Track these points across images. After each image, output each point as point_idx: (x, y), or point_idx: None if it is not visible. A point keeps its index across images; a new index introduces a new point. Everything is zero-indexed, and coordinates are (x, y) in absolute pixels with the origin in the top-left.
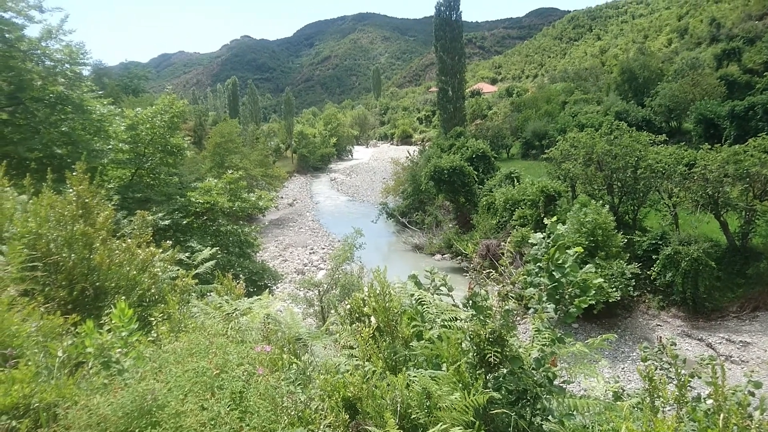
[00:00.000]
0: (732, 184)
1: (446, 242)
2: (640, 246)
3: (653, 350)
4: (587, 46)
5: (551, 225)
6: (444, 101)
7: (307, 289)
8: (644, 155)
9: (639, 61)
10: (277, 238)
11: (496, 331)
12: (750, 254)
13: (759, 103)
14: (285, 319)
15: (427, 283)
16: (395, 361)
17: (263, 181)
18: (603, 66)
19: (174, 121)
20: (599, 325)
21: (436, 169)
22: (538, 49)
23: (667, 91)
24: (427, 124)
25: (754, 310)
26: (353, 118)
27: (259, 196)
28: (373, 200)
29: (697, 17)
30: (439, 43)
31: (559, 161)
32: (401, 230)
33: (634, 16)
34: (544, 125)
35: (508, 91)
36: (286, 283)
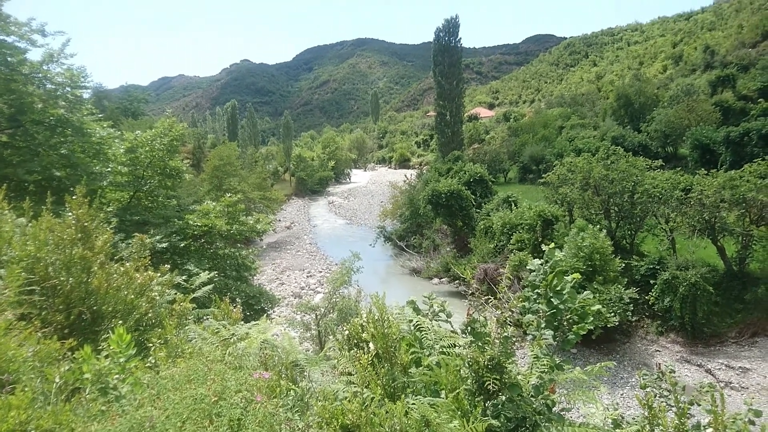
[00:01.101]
0: (728, 210)
1: (444, 266)
2: (638, 271)
3: (652, 377)
4: (583, 72)
5: (549, 251)
6: (442, 125)
7: (304, 313)
8: (641, 180)
9: (635, 87)
10: (274, 261)
11: (495, 358)
12: (747, 279)
13: (754, 129)
14: (282, 344)
15: (426, 309)
16: (394, 388)
17: (261, 204)
18: (599, 91)
19: (173, 144)
20: (598, 350)
21: (434, 193)
22: (534, 74)
23: (662, 116)
24: (425, 148)
25: (752, 335)
26: (351, 141)
27: (257, 219)
28: (371, 224)
29: (691, 44)
30: (438, 68)
31: (557, 186)
32: (399, 254)
33: (629, 43)
34: (541, 150)
35: (505, 115)
36: (283, 306)
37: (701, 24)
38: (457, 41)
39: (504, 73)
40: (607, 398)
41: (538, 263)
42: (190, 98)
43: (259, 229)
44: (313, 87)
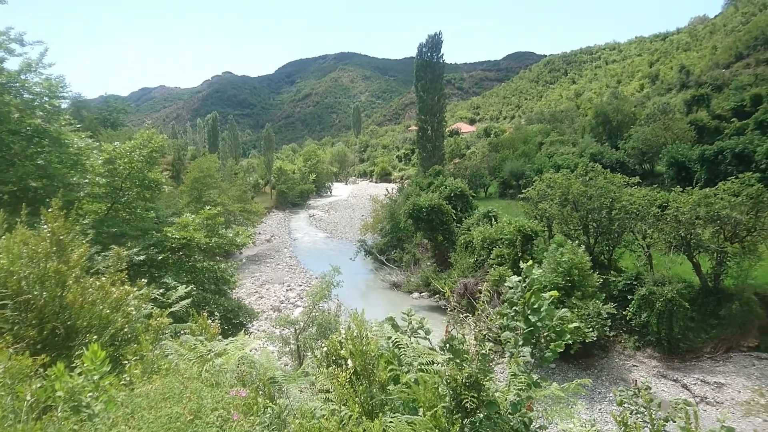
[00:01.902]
0: (703, 226)
1: (424, 280)
2: (616, 286)
3: (628, 393)
4: (563, 90)
5: (527, 269)
6: (423, 140)
7: (284, 327)
8: (618, 197)
9: (612, 105)
10: (253, 275)
11: (473, 375)
12: (722, 295)
13: (727, 147)
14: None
15: (405, 325)
16: (372, 405)
17: (241, 217)
18: (578, 109)
19: (152, 156)
20: (576, 365)
21: (415, 207)
22: (515, 91)
23: (639, 134)
24: (406, 162)
25: (727, 351)
26: (333, 155)
27: (237, 232)
28: (352, 237)
29: (667, 64)
30: (420, 83)
31: (536, 201)
32: (379, 268)
33: (608, 61)
34: (521, 165)
35: (486, 131)
36: (262, 320)
37: (677, 44)
38: (439, 57)
39: (485, 89)
40: (586, 414)
41: (516, 280)
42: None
43: (238, 242)
44: (295, 100)
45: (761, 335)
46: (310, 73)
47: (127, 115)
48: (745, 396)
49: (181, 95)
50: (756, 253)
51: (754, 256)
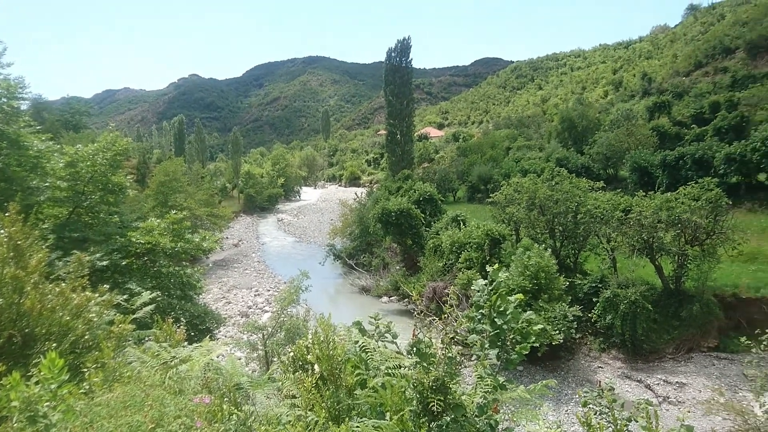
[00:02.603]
0: (665, 230)
1: (393, 284)
2: (581, 289)
3: (593, 394)
4: (529, 95)
5: (493, 272)
6: (392, 144)
7: (251, 333)
8: (584, 201)
9: (578, 111)
10: (221, 280)
11: (440, 378)
12: (683, 297)
13: (688, 153)
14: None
15: (372, 330)
16: (338, 410)
17: (208, 221)
18: (544, 114)
19: (116, 159)
20: (543, 367)
21: (384, 212)
22: (483, 96)
23: (604, 139)
24: (375, 166)
25: (688, 351)
26: (302, 159)
27: (204, 236)
28: (321, 241)
29: (630, 71)
30: (389, 87)
31: (504, 205)
32: (348, 272)
33: (573, 68)
34: (489, 170)
35: (454, 135)
36: (229, 326)
37: (639, 52)
38: (408, 62)
39: (453, 94)
40: (553, 415)
41: (482, 284)
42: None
43: (205, 246)
44: (264, 103)
45: (720, 336)
46: (279, 76)
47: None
48: (705, 395)
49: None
50: (715, 256)
51: (714, 258)
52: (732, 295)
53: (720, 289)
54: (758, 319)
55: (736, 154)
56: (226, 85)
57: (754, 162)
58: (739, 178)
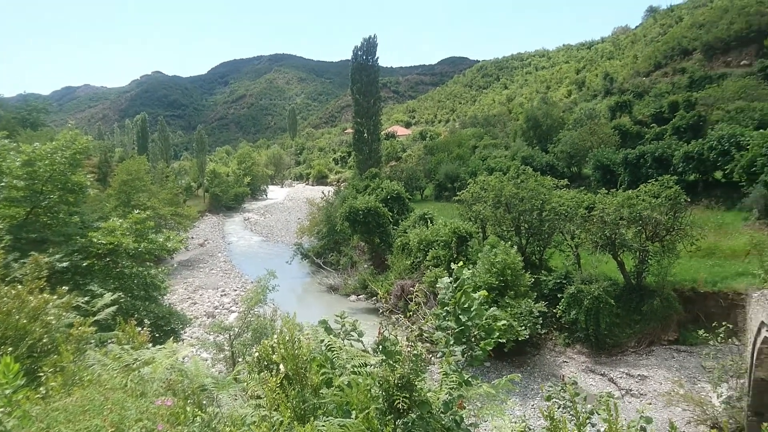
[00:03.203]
0: (627, 227)
1: (361, 283)
2: (547, 285)
3: (556, 389)
4: (495, 94)
5: (457, 270)
6: (360, 143)
7: (218, 334)
8: (548, 198)
9: (542, 110)
10: (186, 280)
11: (405, 376)
12: (645, 292)
13: (648, 152)
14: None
15: (338, 328)
16: (304, 410)
17: (173, 221)
18: (510, 113)
19: (76, 158)
20: (510, 363)
21: (352, 210)
22: (449, 95)
23: (568, 138)
24: (342, 164)
25: (649, 344)
26: (268, 157)
27: (168, 236)
28: (288, 241)
29: (593, 71)
30: (356, 86)
31: (470, 203)
32: (316, 271)
33: (537, 68)
34: (455, 168)
35: (421, 134)
36: (195, 327)
37: (601, 53)
38: (374, 60)
39: (420, 92)
40: (520, 410)
41: (447, 281)
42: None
43: (169, 246)
44: (229, 101)
45: (680, 329)
46: (245, 74)
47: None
48: (666, 387)
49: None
50: (674, 252)
51: (673, 254)
52: (690, 290)
53: (679, 283)
54: (715, 312)
55: (693, 153)
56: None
57: (710, 160)
58: (696, 175)
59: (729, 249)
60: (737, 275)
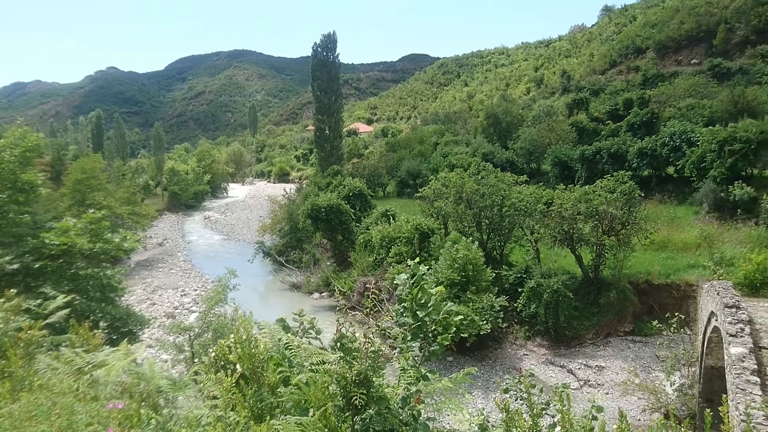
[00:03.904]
0: (584, 221)
1: (324, 280)
2: (507, 280)
3: (513, 381)
4: (456, 91)
5: (414, 266)
6: (321, 140)
7: (178, 334)
8: (508, 194)
9: (502, 107)
10: (144, 281)
11: (362, 373)
12: (601, 285)
13: (604, 148)
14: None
15: (296, 326)
16: (261, 409)
17: (130, 221)
18: (470, 110)
19: (26, 156)
20: (472, 357)
21: (314, 208)
22: (411, 92)
23: (527, 135)
24: (304, 162)
25: (606, 336)
26: (228, 155)
27: (124, 236)
28: (250, 239)
29: (551, 69)
30: (317, 83)
31: (432, 200)
32: (279, 269)
33: (497, 65)
34: (417, 165)
35: (383, 131)
36: (155, 328)
37: (559, 51)
38: (335, 57)
39: (382, 89)
40: (482, 403)
41: (404, 277)
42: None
43: (126, 246)
44: (188, 98)
45: (635, 320)
46: (203, 70)
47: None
48: (622, 377)
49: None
50: (630, 245)
51: (628, 247)
52: (645, 282)
53: (634, 276)
54: (669, 303)
55: (647, 149)
56: (147, 78)
57: (663, 156)
58: (650, 171)
59: (681, 242)
60: (689, 267)
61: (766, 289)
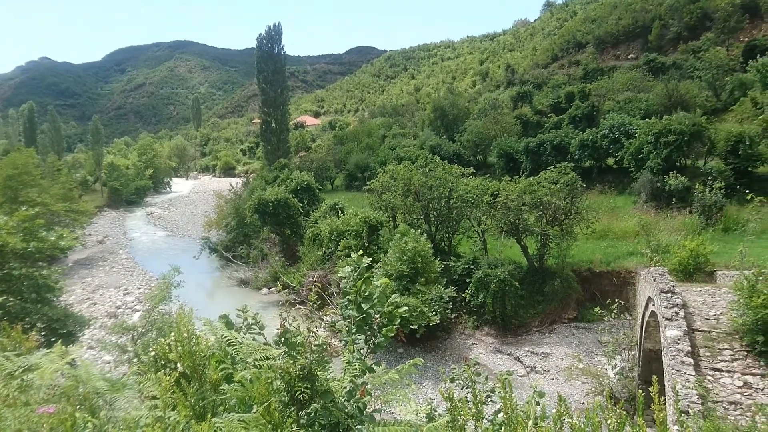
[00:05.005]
0: (529, 212)
1: (273, 276)
2: (456, 271)
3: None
4: (403, 84)
5: (357, 258)
6: (267, 133)
7: (120, 334)
8: (456, 186)
9: (449, 100)
10: (84, 280)
11: (306, 367)
12: (546, 274)
13: (547, 140)
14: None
15: (239, 322)
16: (203, 407)
17: (67, 218)
18: (418, 103)
19: None
20: (423, 348)
21: (261, 202)
22: (358, 84)
23: (473, 127)
24: (250, 155)
25: (551, 323)
26: (171, 148)
27: (61, 234)
28: (195, 235)
29: (495, 63)
30: (262, 75)
31: (380, 192)
32: (226, 265)
33: (443, 58)
34: (365, 158)
35: (331, 124)
36: (96, 328)
37: (503, 45)
38: (280, 48)
39: (329, 82)
40: (432, 393)
41: (348, 270)
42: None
43: (63, 245)
44: (127, 90)
45: (578, 307)
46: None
47: None
48: (567, 362)
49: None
50: (572, 235)
51: (571, 237)
52: (587, 270)
53: (577, 264)
54: (609, 290)
55: (588, 141)
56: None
57: (603, 148)
58: (591, 162)
59: (621, 231)
60: (628, 255)
61: (699, 274)
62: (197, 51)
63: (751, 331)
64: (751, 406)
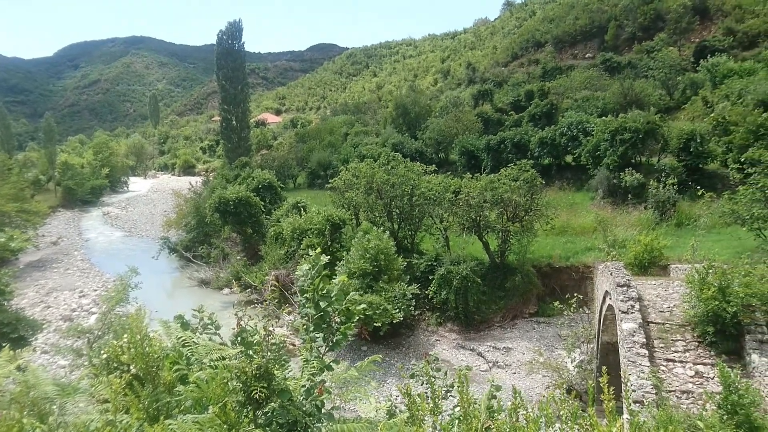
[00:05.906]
0: (490, 209)
1: (234, 275)
2: (419, 268)
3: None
4: (365, 82)
5: (315, 256)
6: (228, 131)
7: (76, 338)
8: (418, 184)
9: (411, 98)
10: (37, 282)
11: (263, 366)
12: (507, 270)
13: (508, 138)
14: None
15: (195, 322)
16: (157, 409)
17: (18, 218)
18: (380, 101)
19: None
20: (386, 345)
21: (221, 201)
22: (320, 82)
23: (435, 125)
24: (211, 154)
25: (513, 318)
26: (128, 147)
27: (11, 236)
28: (154, 235)
29: (457, 61)
30: (222, 71)
31: (343, 190)
32: (186, 265)
33: (405, 56)
34: (328, 156)
35: (292, 122)
36: (50, 332)
37: (464, 43)
38: (240, 45)
39: (290, 79)
40: (395, 390)
41: (306, 268)
42: None
43: (13, 246)
44: (81, 86)
45: (539, 302)
46: (98, 57)
47: None
48: (528, 357)
49: None
50: (533, 231)
51: (531, 233)
52: (547, 265)
53: (537, 260)
54: (569, 284)
55: (547, 139)
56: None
57: (562, 145)
58: (550, 160)
59: (579, 226)
60: (586, 250)
61: (654, 268)
62: (154, 47)
63: (702, 323)
64: (702, 395)
